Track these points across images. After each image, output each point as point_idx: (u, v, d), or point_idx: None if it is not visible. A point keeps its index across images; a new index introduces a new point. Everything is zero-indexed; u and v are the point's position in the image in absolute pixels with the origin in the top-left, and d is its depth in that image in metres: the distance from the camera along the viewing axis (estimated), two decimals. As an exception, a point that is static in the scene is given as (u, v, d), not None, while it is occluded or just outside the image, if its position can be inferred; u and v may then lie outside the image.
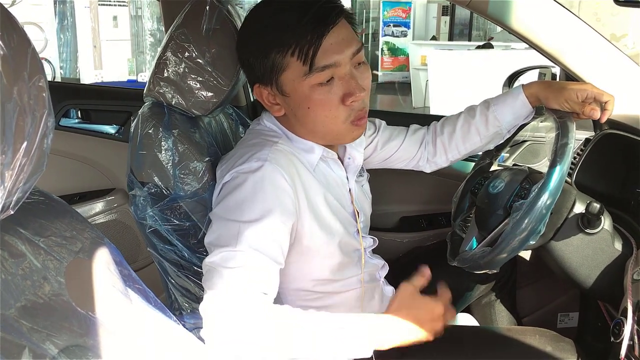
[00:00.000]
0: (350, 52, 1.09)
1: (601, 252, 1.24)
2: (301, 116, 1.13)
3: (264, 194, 1.06)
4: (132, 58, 8.44)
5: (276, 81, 1.11)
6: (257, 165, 1.08)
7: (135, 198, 1.27)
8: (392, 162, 1.49)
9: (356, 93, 1.10)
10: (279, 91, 1.12)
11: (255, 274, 1.02)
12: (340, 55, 1.08)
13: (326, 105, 1.10)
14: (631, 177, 1.42)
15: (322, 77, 1.08)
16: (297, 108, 1.12)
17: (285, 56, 1.07)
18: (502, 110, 1.34)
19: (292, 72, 1.08)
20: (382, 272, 1.42)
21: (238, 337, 0.97)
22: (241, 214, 1.04)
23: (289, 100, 1.12)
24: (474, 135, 1.39)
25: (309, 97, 1.09)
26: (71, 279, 0.72)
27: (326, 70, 1.07)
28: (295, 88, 1.09)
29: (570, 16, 1.35)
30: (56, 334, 0.67)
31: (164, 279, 1.34)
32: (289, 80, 1.09)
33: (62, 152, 2.10)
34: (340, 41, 1.08)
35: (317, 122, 1.13)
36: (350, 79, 1.10)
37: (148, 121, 1.26)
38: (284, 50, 1.06)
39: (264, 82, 1.13)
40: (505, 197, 1.30)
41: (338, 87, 1.10)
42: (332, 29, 1.06)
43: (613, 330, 1.12)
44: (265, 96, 1.15)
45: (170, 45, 1.28)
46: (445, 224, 1.97)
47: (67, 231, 0.75)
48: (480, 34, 11.55)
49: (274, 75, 1.10)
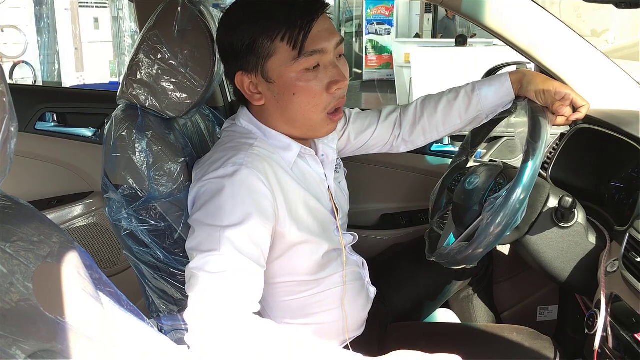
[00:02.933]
0: (335, 41, 1.14)
1: (575, 246, 1.25)
2: (284, 103, 1.15)
3: (242, 198, 1.06)
4: (114, 60, 8.38)
5: (262, 67, 1.12)
6: (233, 170, 1.09)
7: (109, 201, 1.26)
8: (366, 149, 1.49)
9: (342, 81, 1.14)
10: (263, 78, 1.13)
11: (238, 279, 1.02)
12: (327, 42, 1.12)
13: (311, 91, 1.13)
14: (605, 171, 1.44)
15: (310, 62, 1.11)
16: (282, 94, 1.14)
17: (274, 41, 1.09)
18: (486, 95, 1.34)
19: (280, 57, 1.10)
20: (366, 272, 1.43)
21: (223, 345, 0.97)
22: (221, 219, 1.04)
23: (274, 87, 1.14)
24: (455, 118, 1.39)
25: (295, 82, 1.12)
26: (39, 284, 0.71)
27: (314, 56, 1.11)
28: (282, 73, 1.11)
29: (543, 13, 1.37)
30: (24, 340, 0.66)
31: (141, 282, 1.33)
32: (276, 66, 1.11)
33: (39, 156, 2.08)
34: (327, 29, 1.13)
35: (299, 109, 1.15)
36: (334, 67, 1.14)
37: (121, 123, 1.25)
38: (273, 35, 1.09)
39: (247, 70, 1.14)
40: (481, 192, 1.31)
41: (324, 74, 1.13)
42: (321, 14, 1.12)
43: (587, 322, 1.13)
44: (247, 85, 1.16)
45: (142, 47, 1.28)
46: (425, 220, 1.98)
47: (35, 236, 0.75)
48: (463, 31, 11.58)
49: (261, 61, 1.12)
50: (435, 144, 2.11)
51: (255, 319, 1.01)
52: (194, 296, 1.00)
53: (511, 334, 1.36)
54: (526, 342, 1.33)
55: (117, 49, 8.49)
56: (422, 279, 1.62)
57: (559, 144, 1.51)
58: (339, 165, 1.37)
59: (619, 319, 1.06)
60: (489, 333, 1.39)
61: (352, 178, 1.44)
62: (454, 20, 10.58)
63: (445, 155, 2.07)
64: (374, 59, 11.16)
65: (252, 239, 1.05)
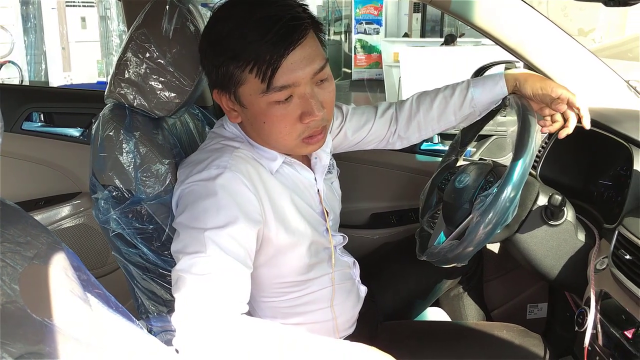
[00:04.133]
0: (311, 70, 1.06)
1: (565, 243, 1.26)
2: (257, 128, 1.12)
3: (225, 201, 1.05)
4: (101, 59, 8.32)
5: (234, 92, 1.09)
6: (217, 173, 1.08)
7: (97, 201, 1.25)
8: (363, 145, 1.49)
9: (314, 113, 1.07)
10: (237, 101, 1.11)
11: (225, 280, 1.01)
12: (301, 73, 1.05)
13: (282, 122, 1.08)
14: (594, 169, 1.45)
15: (280, 96, 1.05)
16: (254, 120, 1.11)
17: (243, 71, 1.05)
18: (481, 92, 1.35)
19: (250, 87, 1.06)
20: (356, 271, 1.42)
21: (212, 348, 0.96)
22: (205, 222, 1.03)
23: (247, 112, 1.11)
24: (449, 115, 1.40)
25: (266, 112, 1.08)
26: (26, 285, 0.70)
27: (284, 90, 1.05)
28: (252, 102, 1.08)
29: (532, 11, 1.37)
30: (10, 342, 0.65)
31: (129, 283, 1.32)
32: (246, 94, 1.08)
33: (26, 157, 2.05)
34: (302, 59, 1.05)
35: (271, 136, 1.12)
36: (309, 98, 1.07)
37: (109, 123, 1.24)
38: (242, 65, 1.04)
39: (222, 89, 1.12)
40: (471, 191, 1.31)
41: (296, 105, 1.07)
42: (293, 50, 1.03)
43: (577, 319, 1.14)
44: (225, 102, 1.13)
45: (130, 45, 1.27)
46: (416, 219, 1.99)
47: (21, 237, 0.74)
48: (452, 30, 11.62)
49: (232, 86, 1.08)
50: (425, 143, 2.12)
51: (244, 318, 1.00)
52: (180, 298, 0.99)
53: (501, 332, 1.36)
54: (516, 340, 1.33)
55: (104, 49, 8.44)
56: (413, 277, 1.62)
57: (547, 142, 1.52)
58: (332, 165, 1.36)
59: (609, 316, 1.07)
60: (479, 331, 1.39)
61: (342, 177, 1.43)
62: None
63: (435, 154, 2.07)
64: (363, 59, 11.18)
65: (237, 240, 1.04)
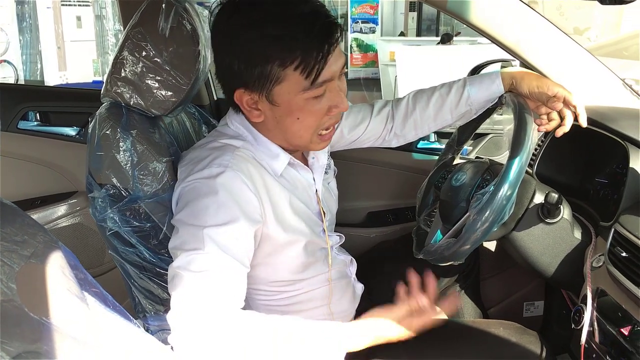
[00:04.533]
0: (342, 63, 1.11)
1: (561, 241, 1.26)
2: (284, 125, 1.12)
3: (226, 200, 1.05)
4: (97, 59, 8.29)
5: (268, 91, 1.07)
6: (218, 172, 1.08)
7: (94, 200, 1.25)
8: (359, 143, 1.50)
9: (342, 104, 1.11)
10: (267, 100, 1.09)
11: (222, 278, 1.01)
12: (336, 68, 1.09)
13: (315, 116, 1.11)
14: (590, 167, 1.45)
15: (320, 92, 1.08)
16: (284, 117, 1.11)
17: (285, 69, 1.04)
18: (477, 91, 1.36)
19: (290, 84, 1.06)
20: (352, 269, 1.42)
21: (207, 345, 0.96)
22: (205, 220, 1.03)
23: (277, 110, 1.10)
24: (446, 113, 1.40)
25: (302, 108, 1.09)
26: (23, 284, 0.70)
27: (324, 85, 1.08)
28: (290, 100, 1.08)
29: (528, 10, 1.37)
30: (8, 341, 0.65)
31: (126, 282, 1.32)
32: (284, 92, 1.07)
33: (22, 156, 2.05)
34: (337, 53, 1.09)
35: (298, 132, 1.13)
36: (338, 91, 1.11)
37: (105, 122, 1.24)
38: (286, 62, 1.03)
39: (250, 89, 1.09)
40: (468, 189, 1.31)
41: (327, 99, 1.10)
42: (336, 45, 1.07)
43: (574, 317, 1.14)
44: (246, 101, 1.11)
45: (127, 44, 1.26)
46: (412, 218, 1.99)
47: (18, 236, 0.73)
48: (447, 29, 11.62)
49: (268, 85, 1.06)
50: (422, 141, 2.12)
51: (240, 313, 1.00)
52: (177, 295, 0.98)
53: (498, 329, 1.36)
54: (512, 337, 1.33)
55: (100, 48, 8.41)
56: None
57: (544, 140, 1.52)
58: (328, 165, 1.36)
59: (605, 313, 1.07)
60: (476, 329, 1.39)
61: (339, 176, 1.43)
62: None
63: (431, 152, 2.07)
64: (359, 58, 11.16)
65: (236, 239, 1.05)
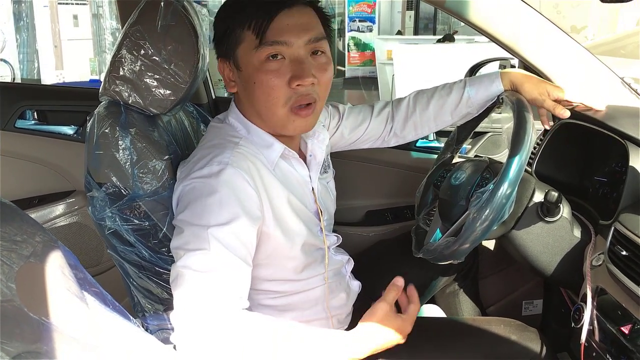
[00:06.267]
0: (305, 37, 1.12)
1: (561, 240, 1.26)
2: (249, 94, 1.16)
3: (228, 198, 1.05)
4: (94, 57, 8.27)
5: (233, 55, 1.15)
6: (219, 169, 1.07)
7: (93, 199, 1.24)
8: (359, 144, 1.51)
9: (303, 77, 1.11)
10: (235, 65, 1.16)
11: (227, 277, 1.00)
12: (294, 37, 1.11)
13: (270, 83, 1.12)
14: (589, 165, 1.45)
15: (270, 51, 1.10)
16: (247, 83, 1.15)
17: (243, 30, 1.12)
18: (477, 91, 1.37)
19: (246, 45, 1.13)
20: (348, 267, 1.42)
21: (210, 345, 0.95)
22: (208, 219, 1.03)
23: (242, 75, 1.16)
24: (446, 114, 1.42)
25: (257, 71, 1.12)
26: (22, 284, 0.70)
27: (275, 46, 1.10)
28: (247, 62, 1.13)
29: (527, 8, 1.37)
30: (7, 341, 0.65)
31: (125, 281, 1.31)
32: (243, 54, 1.14)
33: (19, 155, 2.05)
34: (297, 24, 1.12)
35: (260, 100, 1.14)
36: (300, 63, 1.12)
37: (104, 120, 1.23)
38: (244, 23, 1.12)
39: (224, 57, 1.18)
40: (467, 187, 1.31)
41: (287, 67, 1.12)
42: (288, 10, 1.11)
43: (573, 316, 1.14)
44: (227, 73, 1.19)
45: (125, 42, 1.26)
46: (411, 216, 1.99)
47: (17, 235, 0.73)
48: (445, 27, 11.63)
49: (232, 48, 1.15)
50: (421, 140, 2.12)
51: (243, 314, 1.00)
52: (181, 295, 0.98)
53: (498, 327, 1.36)
54: (512, 334, 1.33)
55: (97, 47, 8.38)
56: (408, 274, 1.62)
57: (543, 138, 1.52)
58: (327, 165, 1.36)
59: (605, 312, 1.07)
60: (476, 326, 1.39)
61: (337, 174, 1.43)
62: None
63: (430, 151, 2.07)
64: (356, 56, 11.15)
65: (240, 238, 1.04)
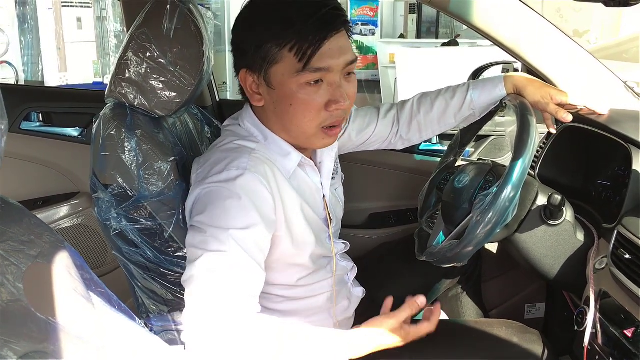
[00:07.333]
0: (344, 61, 1.11)
1: (564, 243, 1.26)
2: (280, 111, 1.13)
3: (246, 204, 1.06)
4: (97, 60, 8.29)
5: (266, 71, 1.11)
6: (237, 174, 1.08)
7: (98, 201, 1.25)
8: (366, 146, 1.51)
9: (341, 102, 1.11)
10: (265, 82, 1.12)
11: (243, 279, 1.01)
12: (335, 61, 1.10)
13: (309, 106, 1.11)
14: (592, 169, 1.46)
15: (312, 77, 1.09)
16: (279, 102, 1.12)
17: (282, 49, 1.08)
18: (480, 94, 1.38)
19: (285, 66, 1.09)
20: (351, 275, 1.43)
21: (222, 346, 0.96)
22: (227, 222, 1.03)
23: (273, 94, 1.12)
24: (449, 117, 1.43)
25: (295, 94, 1.10)
26: (30, 284, 0.70)
27: (318, 73, 1.09)
28: (284, 82, 1.10)
29: (530, 12, 1.38)
30: (15, 341, 0.65)
31: (130, 282, 1.32)
32: (279, 74, 1.10)
33: (24, 156, 2.05)
34: (339, 48, 1.10)
35: (294, 120, 1.13)
36: (338, 87, 1.12)
37: (110, 122, 1.24)
38: (282, 43, 1.07)
39: (252, 70, 1.13)
40: (470, 191, 1.31)
41: (325, 91, 1.11)
42: (334, 35, 1.09)
43: (577, 319, 1.14)
44: (250, 83, 1.15)
45: (131, 45, 1.27)
46: (414, 219, 1.98)
47: (25, 235, 0.74)
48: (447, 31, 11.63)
49: (265, 65, 1.10)
50: (424, 143, 2.12)
51: (258, 317, 1.01)
52: (195, 294, 0.98)
53: (500, 329, 1.36)
54: (515, 337, 1.33)
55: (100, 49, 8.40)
56: (411, 277, 1.62)
57: (546, 142, 1.52)
58: (336, 171, 1.36)
59: (608, 315, 1.07)
60: (478, 328, 1.40)
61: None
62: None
63: (433, 154, 2.08)
64: (359, 60, 11.17)
65: (256, 242, 1.05)
